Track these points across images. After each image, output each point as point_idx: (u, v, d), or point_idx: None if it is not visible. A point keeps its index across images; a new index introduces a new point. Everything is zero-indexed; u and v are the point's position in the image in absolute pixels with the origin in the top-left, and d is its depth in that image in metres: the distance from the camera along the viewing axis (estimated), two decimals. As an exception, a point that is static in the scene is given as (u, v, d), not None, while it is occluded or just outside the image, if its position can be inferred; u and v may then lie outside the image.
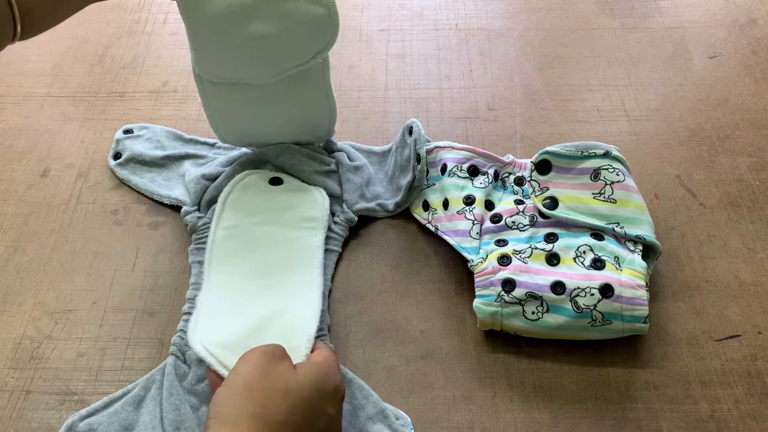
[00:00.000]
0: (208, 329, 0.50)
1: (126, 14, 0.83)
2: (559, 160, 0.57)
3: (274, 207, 0.60)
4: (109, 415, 0.50)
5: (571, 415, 0.51)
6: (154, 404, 0.50)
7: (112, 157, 0.67)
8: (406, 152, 0.62)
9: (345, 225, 0.61)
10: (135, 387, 0.51)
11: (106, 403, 0.51)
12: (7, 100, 0.74)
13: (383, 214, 0.63)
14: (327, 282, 0.57)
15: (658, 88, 0.74)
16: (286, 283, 0.55)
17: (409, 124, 0.62)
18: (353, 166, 0.63)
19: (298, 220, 0.59)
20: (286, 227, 0.59)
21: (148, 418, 0.50)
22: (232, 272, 0.55)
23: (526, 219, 0.57)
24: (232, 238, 0.58)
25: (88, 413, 0.50)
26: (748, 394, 0.52)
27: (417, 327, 0.56)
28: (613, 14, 0.82)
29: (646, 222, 0.56)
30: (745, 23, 0.80)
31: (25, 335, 0.56)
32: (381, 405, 0.51)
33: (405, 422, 0.50)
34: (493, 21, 0.82)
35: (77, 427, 0.49)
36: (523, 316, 0.53)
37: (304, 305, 0.52)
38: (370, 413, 0.50)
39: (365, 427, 0.49)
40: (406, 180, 0.61)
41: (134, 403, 0.51)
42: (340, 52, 0.78)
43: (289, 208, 0.60)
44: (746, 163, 0.67)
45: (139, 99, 0.74)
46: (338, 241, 0.60)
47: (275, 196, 0.61)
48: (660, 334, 0.55)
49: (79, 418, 0.49)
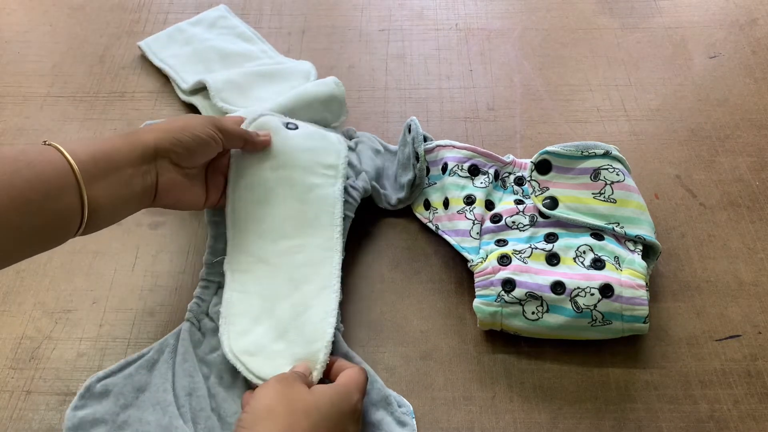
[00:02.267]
0: (237, 332, 0.52)
1: (126, 14, 0.83)
2: (559, 160, 0.57)
3: (291, 149, 0.58)
4: (124, 377, 0.51)
5: (571, 415, 0.51)
6: (166, 367, 0.52)
7: None
8: (406, 150, 0.62)
9: (360, 191, 0.60)
10: (150, 351, 0.53)
11: (122, 366, 0.52)
12: (7, 100, 0.74)
13: (385, 206, 0.63)
14: (342, 252, 0.57)
15: (658, 88, 0.74)
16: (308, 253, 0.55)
17: (408, 122, 0.62)
18: (374, 149, 0.64)
19: (316, 165, 0.58)
20: (304, 172, 0.58)
21: (159, 380, 0.51)
22: (255, 232, 0.56)
23: (526, 219, 0.57)
24: (251, 188, 0.57)
25: (105, 375, 0.51)
26: (748, 394, 0.52)
27: (417, 327, 0.56)
28: (613, 14, 0.82)
29: (646, 222, 0.56)
30: (745, 23, 0.80)
31: (25, 335, 0.56)
32: (385, 391, 0.51)
33: (407, 410, 0.51)
34: (493, 21, 0.82)
35: (94, 387, 0.50)
36: (523, 316, 0.53)
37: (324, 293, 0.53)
38: (374, 399, 0.51)
39: (368, 413, 0.50)
40: (408, 178, 0.61)
41: (148, 366, 0.52)
42: (340, 52, 0.78)
43: (307, 151, 0.59)
44: (746, 163, 0.67)
45: (139, 99, 0.74)
46: (352, 206, 0.59)
47: (291, 138, 0.59)
48: (660, 334, 0.55)
49: (96, 380, 0.51)
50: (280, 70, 0.72)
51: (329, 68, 0.76)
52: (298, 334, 0.51)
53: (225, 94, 0.67)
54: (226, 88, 0.68)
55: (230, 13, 0.81)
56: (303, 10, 0.83)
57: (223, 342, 0.52)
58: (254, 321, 0.53)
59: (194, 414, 0.50)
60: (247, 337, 0.52)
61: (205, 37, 0.77)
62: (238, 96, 0.68)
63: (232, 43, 0.77)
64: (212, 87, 0.67)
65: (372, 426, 0.49)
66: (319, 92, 0.66)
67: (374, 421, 0.50)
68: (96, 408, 0.49)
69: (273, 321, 0.52)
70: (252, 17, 0.82)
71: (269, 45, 0.78)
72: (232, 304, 0.53)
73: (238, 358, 0.51)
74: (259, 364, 0.50)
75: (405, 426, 0.50)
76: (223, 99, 0.67)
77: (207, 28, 0.79)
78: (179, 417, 0.49)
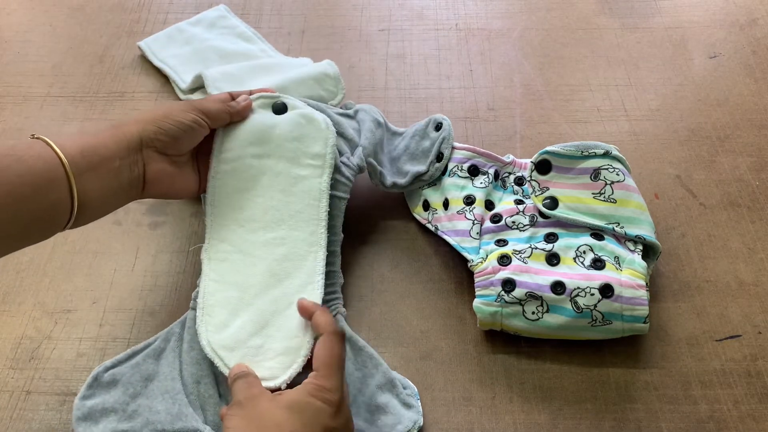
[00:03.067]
0: (215, 325, 0.51)
1: (126, 14, 0.83)
2: (559, 160, 0.57)
3: (277, 138, 0.57)
4: (131, 366, 0.51)
5: (570, 415, 0.51)
6: (173, 356, 0.52)
7: None
8: (424, 144, 0.61)
9: (355, 170, 0.58)
10: (156, 340, 0.53)
11: (129, 355, 0.52)
12: (7, 100, 0.74)
13: (377, 183, 0.61)
14: (339, 234, 0.57)
15: (658, 88, 0.74)
16: (291, 247, 0.54)
17: (439, 119, 0.61)
18: (377, 121, 0.62)
19: (302, 155, 0.57)
20: (290, 162, 0.57)
21: (167, 369, 0.51)
22: (235, 221, 0.55)
23: (526, 219, 0.57)
24: (234, 174, 0.56)
25: (112, 364, 0.51)
26: (748, 394, 0.52)
27: (417, 327, 0.56)
28: (613, 14, 0.82)
29: (646, 222, 0.56)
30: (745, 23, 0.80)
31: (25, 335, 0.56)
32: (390, 374, 0.51)
33: (412, 392, 0.51)
34: (493, 21, 0.82)
35: (102, 377, 0.50)
36: (523, 316, 0.53)
37: (308, 288, 0.52)
38: (380, 382, 0.51)
39: (374, 396, 0.50)
40: (416, 169, 0.60)
41: (155, 355, 0.52)
42: (340, 52, 0.78)
43: (293, 140, 0.57)
44: (746, 163, 0.67)
45: (139, 99, 0.74)
46: (347, 186, 0.58)
47: (277, 126, 0.58)
48: (660, 334, 0.55)
49: (104, 369, 0.51)
50: (277, 63, 0.72)
51: (329, 68, 0.76)
52: (278, 329, 0.51)
53: (220, 83, 0.66)
54: (221, 78, 0.67)
55: (230, 12, 0.81)
56: (303, 10, 0.83)
57: (201, 334, 0.51)
58: (232, 313, 0.52)
59: (203, 401, 0.50)
60: (225, 330, 0.51)
61: (205, 37, 0.77)
62: (233, 86, 0.66)
63: (231, 42, 0.77)
64: (208, 77, 0.67)
65: (378, 409, 0.50)
66: (311, 71, 0.66)
67: (380, 403, 0.50)
68: (105, 397, 0.50)
69: (252, 314, 0.51)
70: (252, 17, 0.82)
71: (269, 44, 0.78)
72: (209, 293, 0.52)
73: (216, 353, 0.50)
74: (237, 361, 0.50)
75: (411, 408, 0.50)
76: (218, 88, 0.66)
77: (206, 28, 0.79)
78: (188, 405, 0.49)
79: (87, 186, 0.46)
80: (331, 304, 0.54)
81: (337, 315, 0.54)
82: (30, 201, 0.43)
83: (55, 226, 0.46)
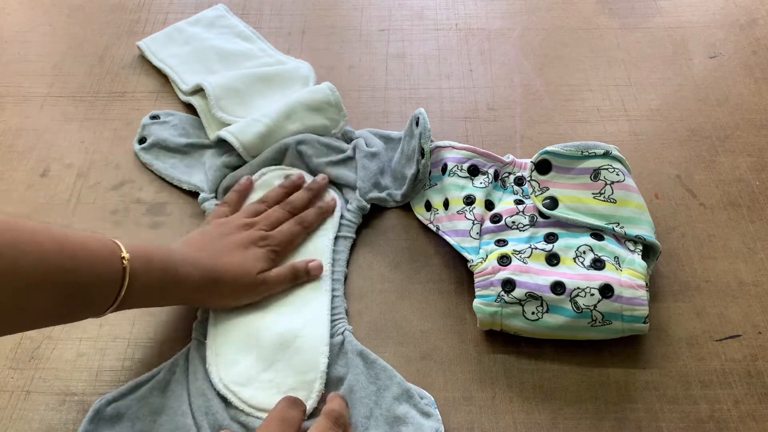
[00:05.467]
0: (225, 363, 0.52)
1: (126, 14, 0.83)
2: (559, 160, 0.57)
3: None
4: (137, 399, 0.50)
5: (570, 415, 0.51)
6: (180, 389, 0.51)
7: (138, 142, 0.68)
8: (412, 143, 0.61)
9: (358, 212, 0.62)
10: (160, 371, 0.52)
11: (132, 388, 0.50)
12: (7, 100, 0.74)
13: (392, 204, 0.63)
14: (342, 268, 0.59)
15: (658, 88, 0.74)
16: (295, 294, 0.56)
17: (417, 114, 0.61)
18: (370, 153, 0.64)
19: None
20: None
21: (176, 403, 0.50)
22: None
23: (526, 219, 0.57)
24: None
25: (114, 397, 0.50)
26: (748, 394, 0.52)
27: (417, 327, 0.56)
28: (613, 14, 0.82)
29: (646, 222, 0.56)
30: (745, 23, 0.80)
31: (25, 335, 0.56)
32: (405, 385, 0.51)
33: (429, 401, 0.51)
34: (493, 21, 0.82)
35: (104, 411, 0.49)
36: (523, 316, 0.53)
37: (314, 325, 0.54)
38: (396, 393, 0.50)
39: (391, 408, 0.50)
40: (411, 171, 0.61)
41: (160, 387, 0.51)
42: (340, 52, 0.78)
43: None
44: (746, 163, 0.67)
45: (139, 99, 0.74)
46: (351, 228, 0.61)
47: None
48: (660, 334, 0.55)
49: (105, 403, 0.49)
50: (278, 73, 0.72)
51: (329, 68, 0.76)
52: (287, 365, 0.52)
53: (224, 102, 0.67)
54: (224, 96, 0.68)
55: (229, 12, 0.81)
56: (303, 11, 0.83)
57: (212, 372, 0.51)
58: (240, 351, 0.53)
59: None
60: (235, 367, 0.52)
61: (204, 37, 0.77)
62: (237, 105, 0.68)
63: (231, 42, 0.77)
64: (211, 95, 0.67)
65: (398, 420, 0.49)
66: (313, 99, 0.67)
67: (399, 414, 0.49)
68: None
69: (260, 351, 0.52)
70: (252, 17, 0.82)
71: (268, 44, 0.78)
72: (216, 334, 0.54)
73: (229, 389, 0.50)
74: (251, 394, 0.50)
75: (430, 417, 0.49)
76: (222, 108, 0.67)
77: (206, 28, 0.79)
78: None
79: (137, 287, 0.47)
80: (335, 323, 0.55)
81: (345, 331, 0.54)
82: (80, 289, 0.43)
83: (94, 310, 0.46)
